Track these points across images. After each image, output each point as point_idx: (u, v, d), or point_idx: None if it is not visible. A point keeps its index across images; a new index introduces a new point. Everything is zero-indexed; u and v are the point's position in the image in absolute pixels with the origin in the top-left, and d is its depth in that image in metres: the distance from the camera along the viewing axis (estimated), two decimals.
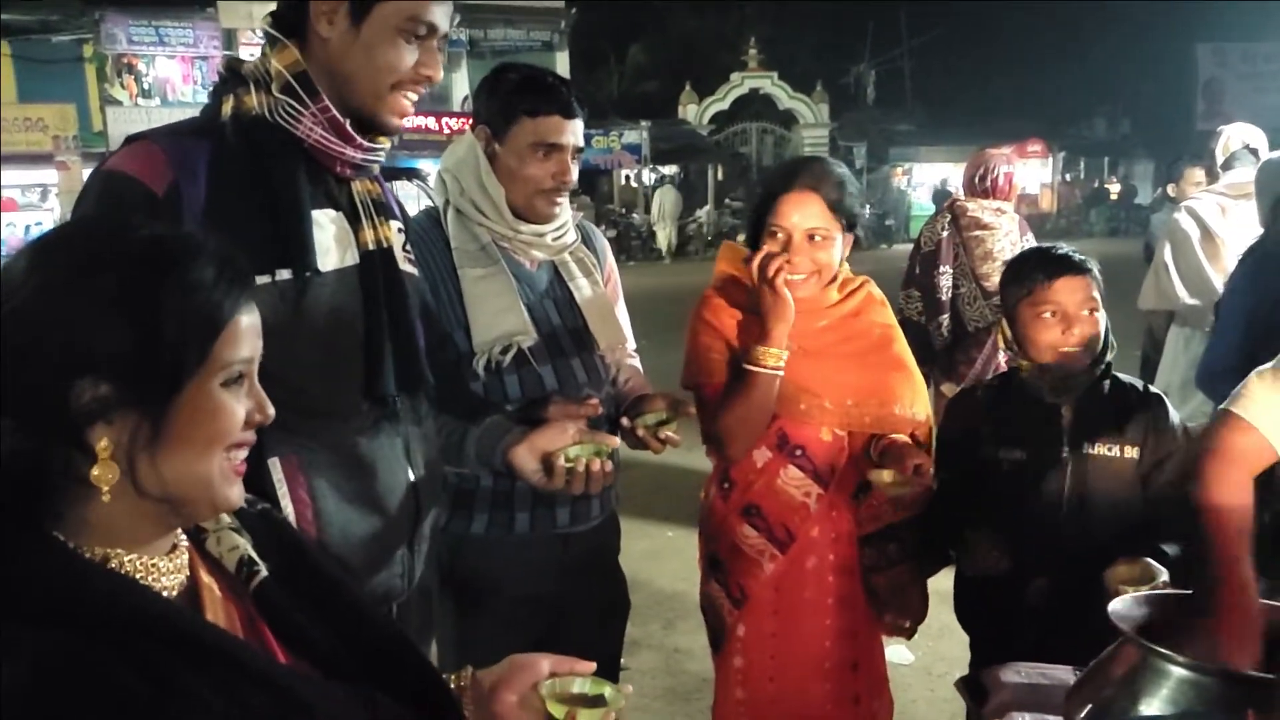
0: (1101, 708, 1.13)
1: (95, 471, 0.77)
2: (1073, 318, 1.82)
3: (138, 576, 0.81)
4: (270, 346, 0.99)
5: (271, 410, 0.88)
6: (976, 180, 3.87)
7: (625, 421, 1.79)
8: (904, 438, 1.94)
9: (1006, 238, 3.82)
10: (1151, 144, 25.55)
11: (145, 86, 20.40)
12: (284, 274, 1.26)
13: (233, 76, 1.32)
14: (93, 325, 0.76)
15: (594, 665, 1.07)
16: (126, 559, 0.81)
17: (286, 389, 1.16)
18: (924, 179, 25.20)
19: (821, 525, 1.93)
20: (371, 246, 1.38)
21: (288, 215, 1.28)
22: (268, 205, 1.27)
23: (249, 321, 0.85)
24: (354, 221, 1.37)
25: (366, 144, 1.34)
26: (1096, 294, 1.84)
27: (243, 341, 0.84)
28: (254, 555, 0.91)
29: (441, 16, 1.33)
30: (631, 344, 2.02)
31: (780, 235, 1.86)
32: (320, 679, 0.87)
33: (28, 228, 21.68)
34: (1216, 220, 3.58)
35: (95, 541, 0.80)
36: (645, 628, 3.55)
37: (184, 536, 0.88)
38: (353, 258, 1.35)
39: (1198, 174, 4.44)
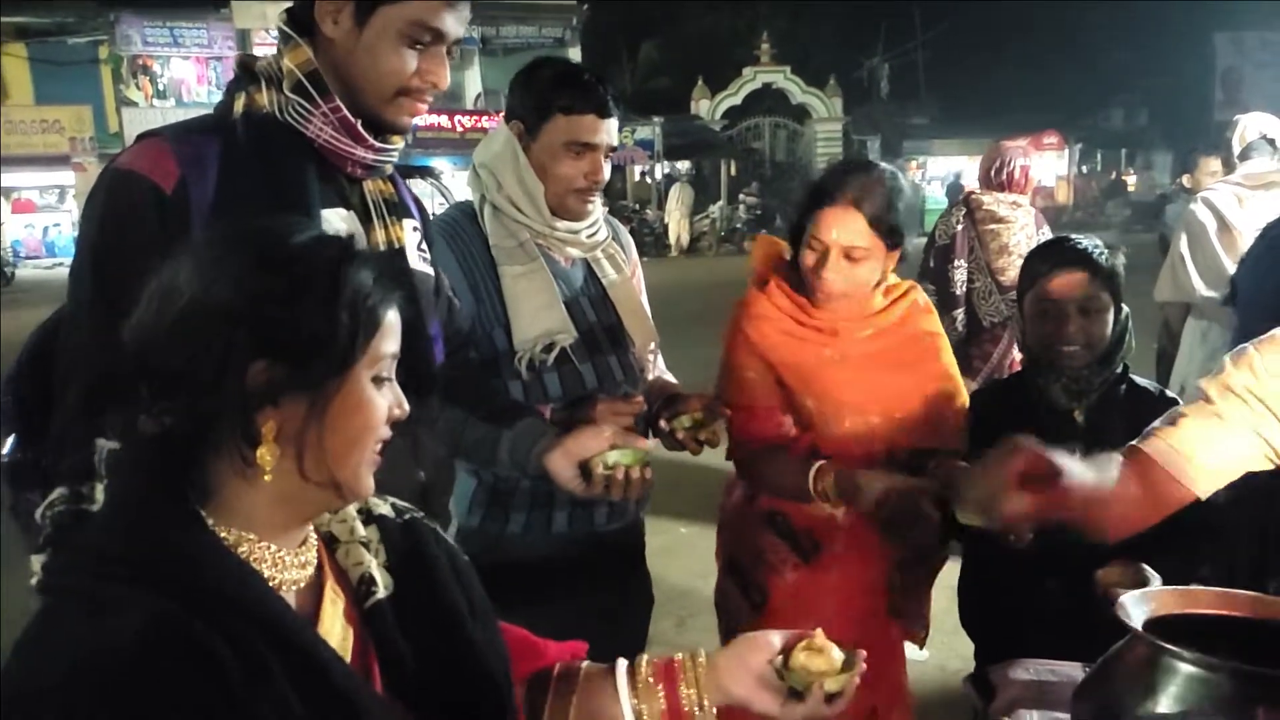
0: (1110, 704, 1.12)
1: (260, 451, 0.82)
2: (1069, 314, 1.78)
3: (264, 565, 0.85)
4: None
5: (407, 406, 0.92)
6: (993, 173, 3.84)
7: (663, 423, 1.75)
8: (958, 463, 1.79)
9: (1022, 231, 3.79)
10: (1169, 135, 25.34)
11: (160, 87, 20.54)
12: None
13: (246, 74, 1.31)
14: (272, 312, 0.82)
15: (821, 633, 1.07)
16: (258, 545, 0.85)
17: None
18: (938, 172, 25.10)
19: (848, 540, 1.86)
20: (381, 247, 1.37)
21: (299, 215, 1.25)
22: (276, 204, 1.25)
23: (395, 320, 0.90)
24: (365, 221, 1.36)
25: (378, 144, 1.33)
26: (1103, 291, 1.79)
27: (392, 338, 0.89)
28: (375, 575, 0.93)
29: (452, 23, 1.30)
30: (656, 340, 2.02)
31: (818, 247, 1.79)
32: (400, 711, 0.89)
33: (46, 229, 21.97)
34: (1233, 211, 3.53)
35: (234, 524, 0.84)
36: (657, 625, 3.49)
37: (314, 534, 0.93)
38: None
39: (1213, 163, 4.38)
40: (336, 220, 1.32)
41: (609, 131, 1.79)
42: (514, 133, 1.80)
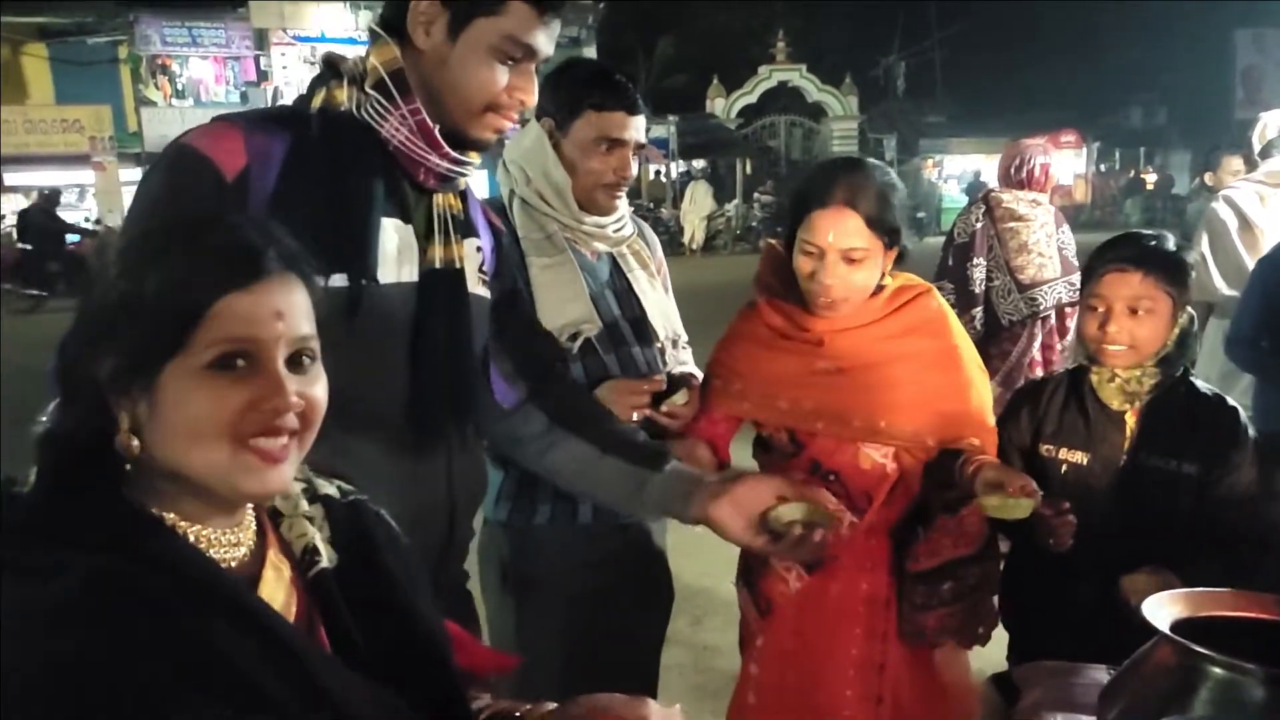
0: (1136, 707, 1.11)
1: (118, 440, 0.81)
2: (1116, 313, 1.75)
3: (194, 540, 0.83)
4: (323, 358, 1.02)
5: (292, 399, 0.83)
6: (1012, 171, 3.82)
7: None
8: (990, 457, 1.76)
9: (1042, 229, 3.77)
10: (1188, 133, 25.14)
11: (179, 87, 20.67)
12: (339, 279, 1.20)
13: (329, 70, 1.28)
14: (112, 303, 0.81)
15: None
16: (181, 523, 0.83)
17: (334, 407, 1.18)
18: (954, 171, 24.98)
19: (852, 552, 1.81)
20: (438, 264, 1.32)
21: (355, 219, 1.23)
22: (337, 205, 1.22)
23: (259, 302, 0.82)
24: (424, 236, 1.32)
25: (454, 154, 1.29)
26: (1159, 292, 1.74)
27: (242, 321, 0.81)
28: (319, 545, 0.92)
29: (544, 40, 1.28)
30: (684, 337, 2.02)
31: (814, 252, 1.74)
32: (346, 673, 0.87)
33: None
34: (1255, 210, 3.50)
35: (157, 504, 0.83)
36: (673, 623, 3.49)
37: (251, 513, 0.90)
38: (410, 274, 1.30)
39: (1236, 162, 4.36)
40: (391, 230, 1.28)
41: (637, 128, 1.84)
42: (544, 129, 1.84)
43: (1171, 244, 1.80)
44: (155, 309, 0.79)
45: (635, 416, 1.74)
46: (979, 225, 3.78)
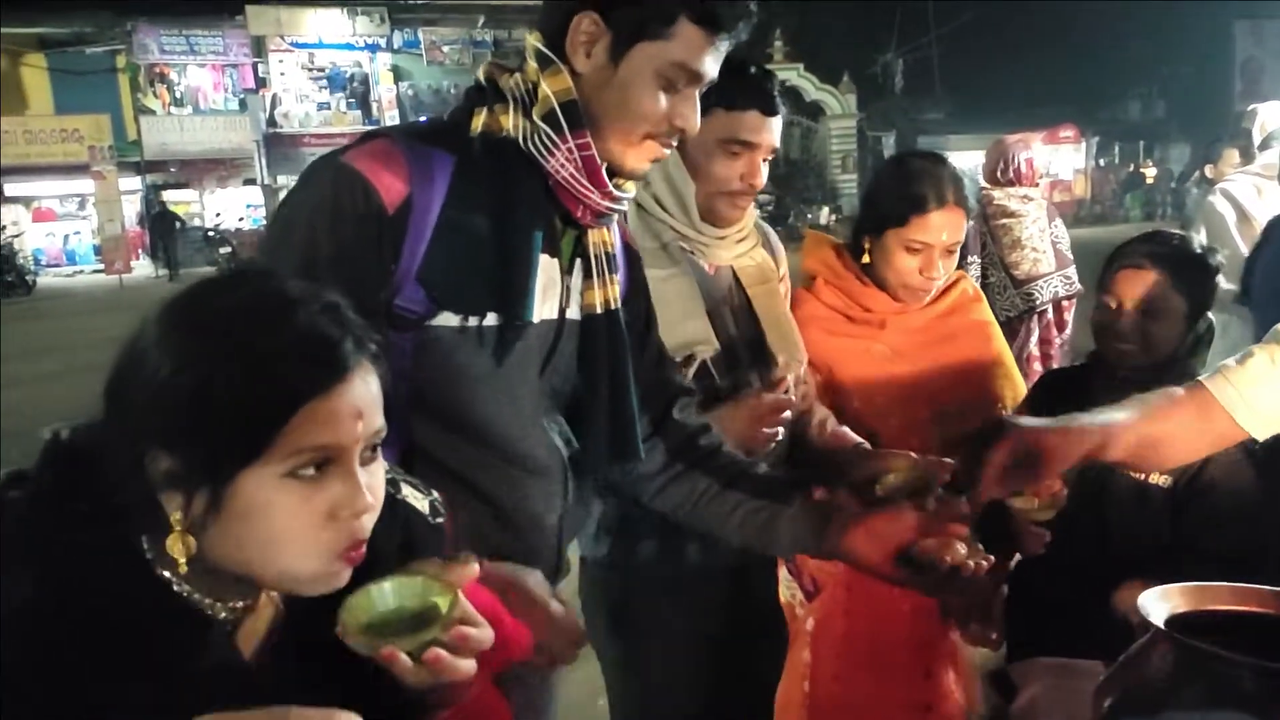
0: (1131, 702, 1.10)
1: (169, 541, 0.75)
2: (1127, 311, 1.72)
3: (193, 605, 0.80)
4: (458, 391, 1.03)
5: (366, 501, 0.78)
6: (999, 173, 3.84)
7: (879, 488, 1.54)
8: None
9: (1034, 225, 3.77)
10: (1188, 126, 25.14)
11: (177, 95, 20.74)
12: (491, 318, 1.15)
13: (491, 89, 1.19)
14: (167, 396, 0.73)
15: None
16: (187, 590, 0.79)
17: (464, 436, 1.17)
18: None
19: None
20: (599, 309, 1.25)
21: (519, 259, 1.16)
22: (500, 243, 1.15)
23: (342, 402, 0.76)
24: (569, 271, 1.25)
25: (615, 192, 1.20)
26: (1176, 293, 1.71)
27: (327, 425, 0.75)
28: None
29: (710, 64, 1.18)
30: (805, 359, 1.79)
31: (922, 249, 1.81)
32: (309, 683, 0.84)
33: (66, 237, 22.20)
34: (1253, 202, 3.50)
35: (169, 569, 0.78)
36: None
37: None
38: (551, 310, 1.23)
39: (1236, 155, 4.35)
40: (543, 268, 1.21)
41: (772, 131, 1.62)
42: None
43: (1195, 246, 1.77)
44: (231, 415, 0.73)
45: (769, 440, 1.60)
46: (971, 224, 3.79)
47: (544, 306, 1.22)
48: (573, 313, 1.26)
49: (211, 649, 0.80)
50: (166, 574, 0.78)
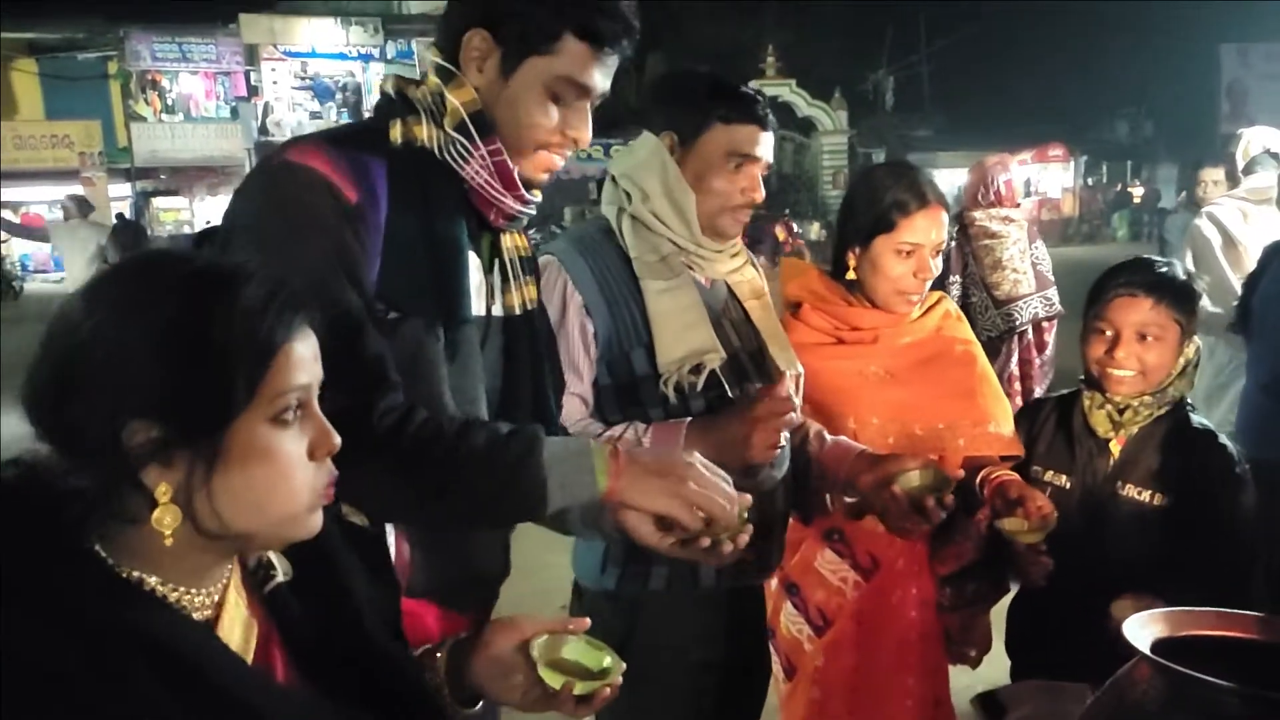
0: None
1: (156, 514, 0.75)
2: (1125, 339, 1.73)
3: (168, 599, 0.80)
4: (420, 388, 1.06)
5: (337, 440, 0.83)
6: (980, 195, 3.86)
7: (897, 489, 1.60)
8: (1012, 474, 1.83)
9: (1015, 245, 3.80)
10: (1174, 147, 25.33)
11: (169, 102, 20.67)
12: (439, 316, 1.21)
13: (401, 100, 1.24)
14: (140, 364, 0.74)
15: (586, 623, 1.05)
16: (161, 585, 0.79)
17: None
18: (943, 184, 25.07)
19: (907, 556, 1.84)
20: (518, 310, 1.32)
21: (451, 261, 1.22)
22: (435, 246, 1.20)
23: (303, 348, 0.81)
24: (490, 271, 1.31)
25: (525, 194, 1.26)
26: (1169, 320, 1.73)
27: (297, 369, 0.80)
28: (273, 559, 0.89)
29: (599, 78, 1.23)
30: (802, 372, 1.80)
31: (911, 251, 1.82)
32: (306, 695, 0.86)
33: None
34: (1238, 226, 3.54)
35: (135, 566, 0.78)
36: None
37: (229, 567, 0.86)
38: (480, 308, 1.29)
39: (1216, 173, 4.39)
40: (475, 269, 1.27)
41: (767, 145, 1.68)
42: (665, 144, 1.66)
43: (1181, 272, 1.79)
44: (221, 364, 0.75)
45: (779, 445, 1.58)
46: (953, 244, 3.81)
47: (477, 303, 1.28)
48: (497, 310, 1.32)
49: (206, 649, 0.80)
50: (136, 573, 0.78)
